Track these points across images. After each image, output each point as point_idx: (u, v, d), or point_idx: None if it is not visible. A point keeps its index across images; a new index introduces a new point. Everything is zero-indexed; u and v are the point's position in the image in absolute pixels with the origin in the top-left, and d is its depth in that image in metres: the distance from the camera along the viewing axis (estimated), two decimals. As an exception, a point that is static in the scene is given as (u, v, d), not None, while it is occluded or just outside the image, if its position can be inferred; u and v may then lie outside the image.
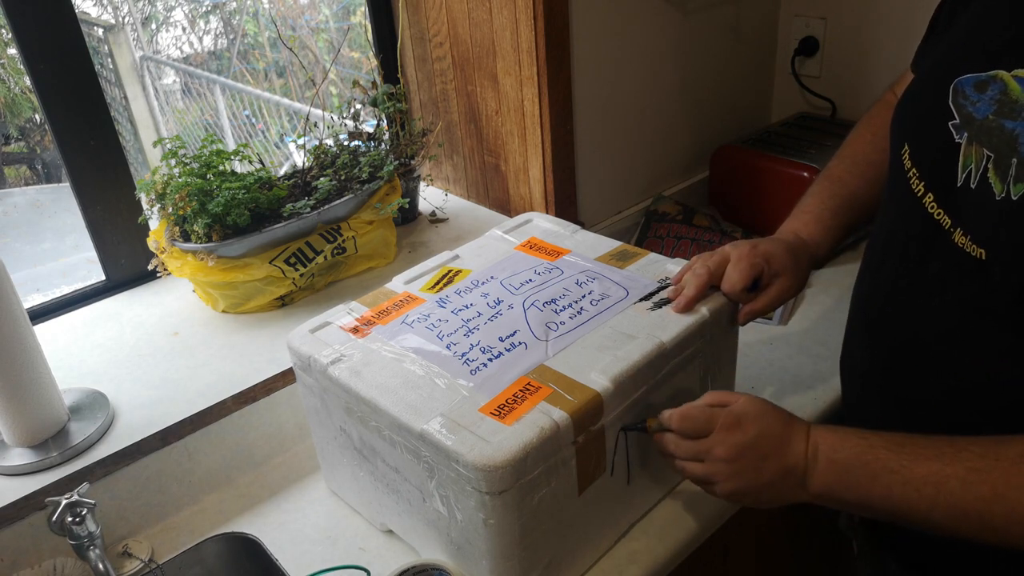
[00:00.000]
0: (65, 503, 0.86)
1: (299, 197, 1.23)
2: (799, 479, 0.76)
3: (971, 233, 0.69)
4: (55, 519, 0.86)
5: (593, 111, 1.43)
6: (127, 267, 1.30)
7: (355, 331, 0.94)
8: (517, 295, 0.97)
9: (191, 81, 3.55)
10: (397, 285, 1.03)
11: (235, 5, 3.74)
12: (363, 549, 0.97)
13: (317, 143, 1.34)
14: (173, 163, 1.20)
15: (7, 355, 0.92)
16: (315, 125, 1.38)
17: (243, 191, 1.15)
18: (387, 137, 1.40)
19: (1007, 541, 0.65)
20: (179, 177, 1.18)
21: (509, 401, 0.80)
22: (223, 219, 1.14)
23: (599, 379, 0.82)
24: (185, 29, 3.81)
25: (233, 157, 1.24)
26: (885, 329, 0.83)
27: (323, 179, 1.24)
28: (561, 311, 0.94)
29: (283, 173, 1.32)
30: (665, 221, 1.54)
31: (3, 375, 0.93)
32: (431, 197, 1.57)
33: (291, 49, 1.55)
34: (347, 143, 1.36)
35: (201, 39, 3.86)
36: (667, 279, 0.98)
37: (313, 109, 1.35)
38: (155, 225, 1.24)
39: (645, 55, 1.48)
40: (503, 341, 0.89)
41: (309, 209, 1.19)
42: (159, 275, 1.30)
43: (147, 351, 1.15)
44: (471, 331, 0.91)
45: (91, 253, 1.28)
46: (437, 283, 1.02)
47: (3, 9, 1.08)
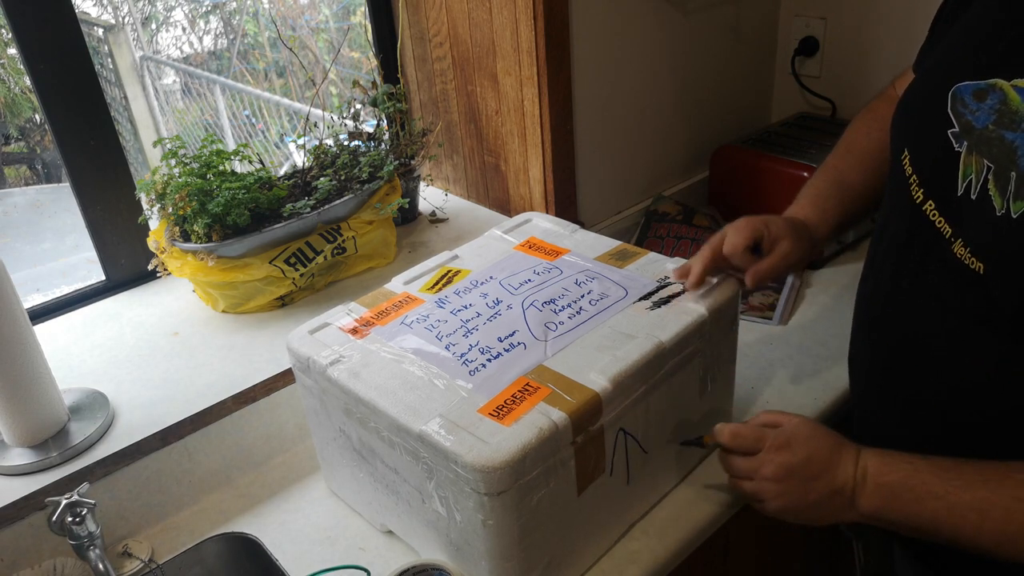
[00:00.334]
0: (65, 503, 0.86)
1: (299, 197, 1.24)
2: (848, 500, 0.77)
3: (971, 245, 0.70)
4: (55, 519, 0.86)
5: (593, 111, 1.43)
6: (127, 267, 1.30)
7: (354, 332, 0.94)
8: (516, 295, 0.97)
9: (191, 81, 3.55)
10: (396, 285, 1.03)
11: (235, 5, 3.74)
12: (363, 549, 0.97)
13: (317, 143, 1.34)
14: (173, 163, 1.20)
15: (7, 355, 0.92)
16: (315, 125, 1.38)
17: (243, 191, 1.15)
18: (387, 137, 1.40)
19: None
20: (179, 177, 1.18)
21: (508, 402, 0.80)
22: (223, 219, 1.14)
23: (598, 379, 0.82)
24: (185, 29, 3.81)
25: (233, 157, 1.24)
26: (886, 328, 0.83)
27: (323, 179, 1.24)
28: (560, 311, 0.94)
29: (283, 173, 1.32)
30: (665, 221, 1.54)
31: (3, 375, 0.93)
32: (431, 197, 1.57)
33: (291, 49, 1.55)
34: (347, 143, 1.36)
35: (201, 39, 3.86)
36: (667, 278, 0.98)
37: (313, 109, 1.35)
38: (155, 225, 1.24)
39: (645, 55, 1.48)
40: (502, 341, 0.89)
41: (309, 209, 1.19)
42: (159, 275, 1.30)
43: (147, 351, 1.15)
44: (470, 332, 0.91)
45: (91, 253, 1.28)
46: (436, 283, 1.02)
47: (3, 9, 1.08)
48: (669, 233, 1.51)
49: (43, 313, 1.24)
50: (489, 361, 0.86)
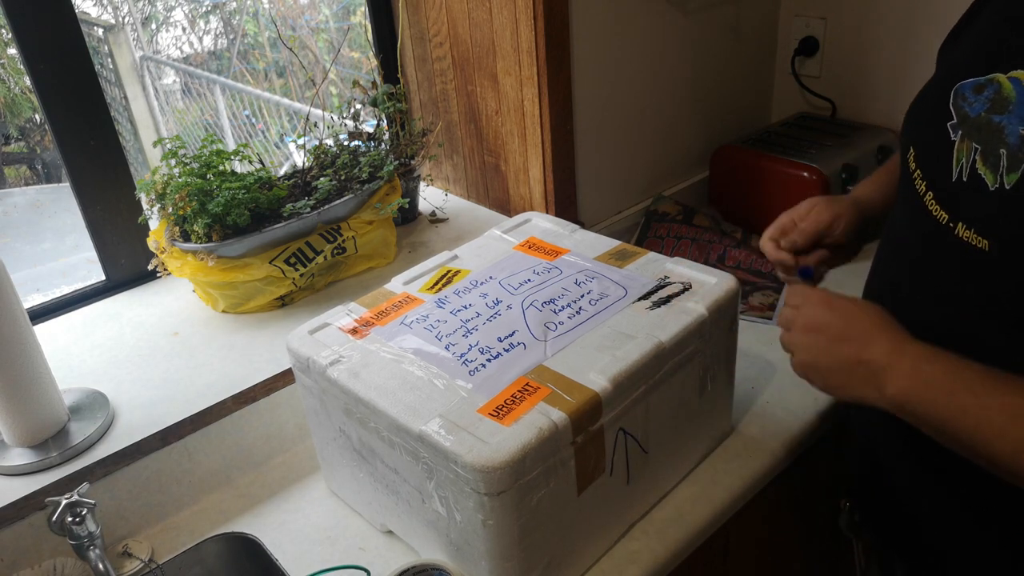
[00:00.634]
0: (65, 503, 0.86)
1: (299, 197, 1.24)
2: (873, 376, 0.74)
3: (974, 226, 0.71)
4: (55, 519, 0.86)
5: (593, 111, 1.43)
6: (127, 267, 1.30)
7: (354, 332, 0.94)
8: (516, 295, 0.97)
9: (191, 81, 3.55)
10: (396, 286, 1.03)
11: (235, 5, 3.74)
12: (363, 549, 0.97)
13: (317, 143, 1.34)
14: (173, 163, 1.20)
15: (7, 355, 0.92)
16: (315, 125, 1.38)
17: (243, 191, 1.15)
18: (387, 137, 1.40)
19: None
20: (179, 177, 1.18)
21: (508, 402, 0.80)
22: (223, 219, 1.14)
23: (598, 379, 0.82)
24: (185, 29, 3.81)
25: (233, 157, 1.24)
26: None
27: (323, 179, 1.24)
28: (560, 311, 0.94)
29: (283, 173, 1.32)
30: (665, 221, 1.54)
31: (3, 375, 0.93)
32: (431, 197, 1.57)
33: (291, 49, 1.55)
34: (347, 143, 1.36)
35: (201, 39, 3.86)
36: (666, 278, 0.99)
37: (313, 109, 1.35)
38: (155, 225, 1.24)
39: (645, 55, 1.48)
40: (502, 341, 0.89)
41: (309, 209, 1.19)
42: (159, 275, 1.30)
43: (147, 351, 1.15)
44: (470, 332, 0.91)
45: (91, 253, 1.28)
46: (436, 283, 1.02)
47: (3, 9, 1.08)
48: (669, 233, 1.51)
49: (43, 313, 1.24)
50: (489, 361, 0.86)
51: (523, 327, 0.91)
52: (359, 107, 1.38)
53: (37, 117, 3.37)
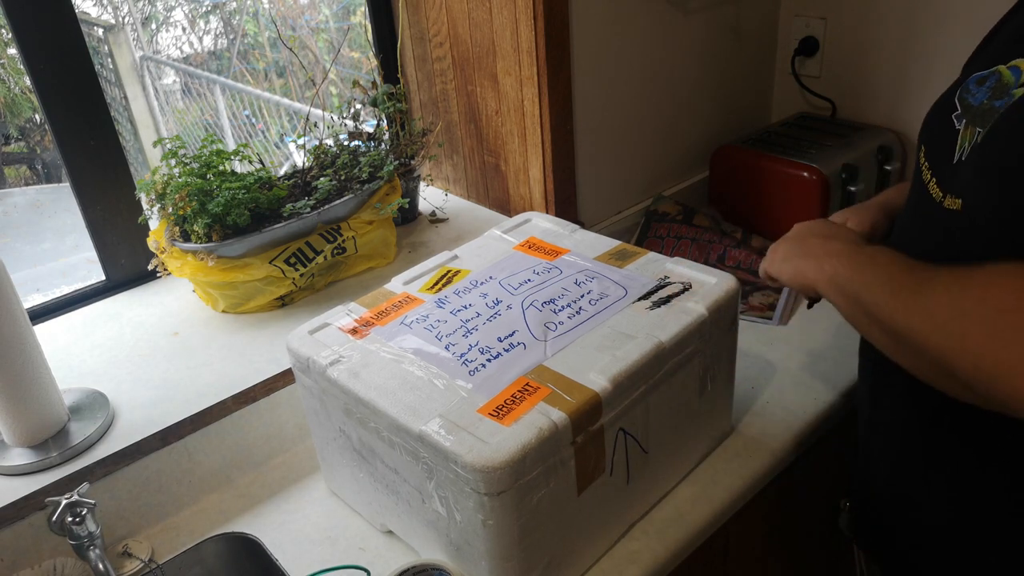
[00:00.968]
0: (65, 503, 0.86)
1: (299, 197, 1.24)
2: (826, 254, 0.80)
3: (954, 192, 0.74)
4: (55, 519, 0.86)
5: (593, 111, 1.43)
6: (127, 267, 1.30)
7: (354, 332, 0.94)
8: (516, 295, 0.97)
9: (191, 81, 3.55)
10: (396, 286, 1.03)
11: (235, 5, 3.74)
12: (363, 549, 0.97)
13: (317, 143, 1.34)
14: (173, 163, 1.20)
15: (7, 355, 0.92)
16: (315, 125, 1.38)
17: (243, 191, 1.15)
18: (387, 137, 1.40)
19: (915, 336, 0.65)
20: (179, 177, 1.18)
21: (508, 402, 0.80)
22: (223, 219, 1.14)
23: (598, 379, 0.82)
24: (185, 29, 3.81)
25: (233, 157, 1.24)
26: None
27: (323, 179, 1.24)
28: (560, 311, 0.94)
29: (283, 173, 1.32)
30: (665, 221, 1.54)
31: (3, 375, 0.93)
32: (431, 197, 1.57)
33: (291, 49, 1.55)
34: (347, 143, 1.36)
35: (201, 39, 3.86)
36: (666, 278, 0.99)
37: (313, 109, 1.35)
38: (155, 225, 1.24)
39: (645, 55, 1.48)
40: (502, 341, 0.89)
41: (309, 209, 1.19)
42: (159, 275, 1.30)
43: (147, 351, 1.15)
44: (470, 332, 0.91)
45: (91, 253, 1.28)
46: (436, 283, 1.02)
47: (3, 9, 1.08)
48: (669, 233, 1.51)
49: (43, 313, 1.24)
50: (489, 361, 0.86)
51: (523, 327, 0.91)
52: (359, 107, 1.38)
53: (37, 117, 3.37)
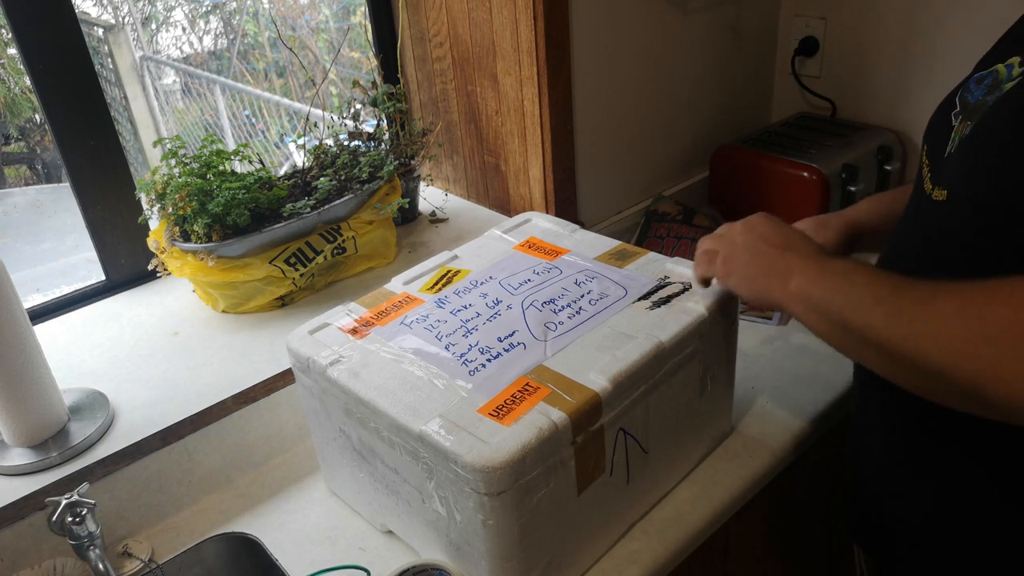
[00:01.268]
0: (65, 503, 0.86)
1: (299, 197, 1.24)
2: (788, 271, 0.78)
3: (942, 184, 0.74)
4: (55, 519, 0.86)
5: (593, 111, 1.43)
6: (127, 267, 1.30)
7: (354, 332, 0.94)
8: (516, 295, 0.97)
9: (191, 81, 3.55)
10: (396, 286, 1.03)
11: (235, 5, 3.74)
12: (363, 549, 0.97)
13: (317, 143, 1.34)
14: (173, 163, 1.20)
15: (7, 355, 0.92)
16: (315, 125, 1.38)
17: (243, 191, 1.15)
18: (387, 137, 1.40)
19: (912, 353, 0.64)
20: (179, 177, 1.18)
21: (508, 402, 0.80)
22: (223, 219, 1.14)
23: (598, 379, 0.82)
24: (185, 29, 3.81)
25: (233, 157, 1.24)
26: None
27: (323, 179, 1.24)
28: (560, 311, 0.94)
29: (283, 173, 1.32)
30: (665, 221, 1.54)
31: (3, 375, 0.93)
32: (431, 197, 1.57)
33: (291, 49, 1.55)
34: (347, 143, 1.36)
35: (201, 39, 3.86)
36: (666, 278, 0.99)
37: (313, 109, 1.35)
38: (155, 225, 1.24)
39: (645, 55, 1.48)
40: (502, 341, 0.89)
41: (309, 209, 1.19)
42: (159, 275, 1.30)
43: (147, 351, 1.15)
44: (470, 332, 0.91)
45: (91, 253, 1.28)
46: (436, 283, 1.02)
47: (3, 9, 1.08)
48: (669, 233, 1.51)
49: (43, 313, 1.24)
50: (489, 361, 0.86)
51: (523, 327, 0.91)
52: (359, 107, 1.38)
53: (37, 117, 3.37)
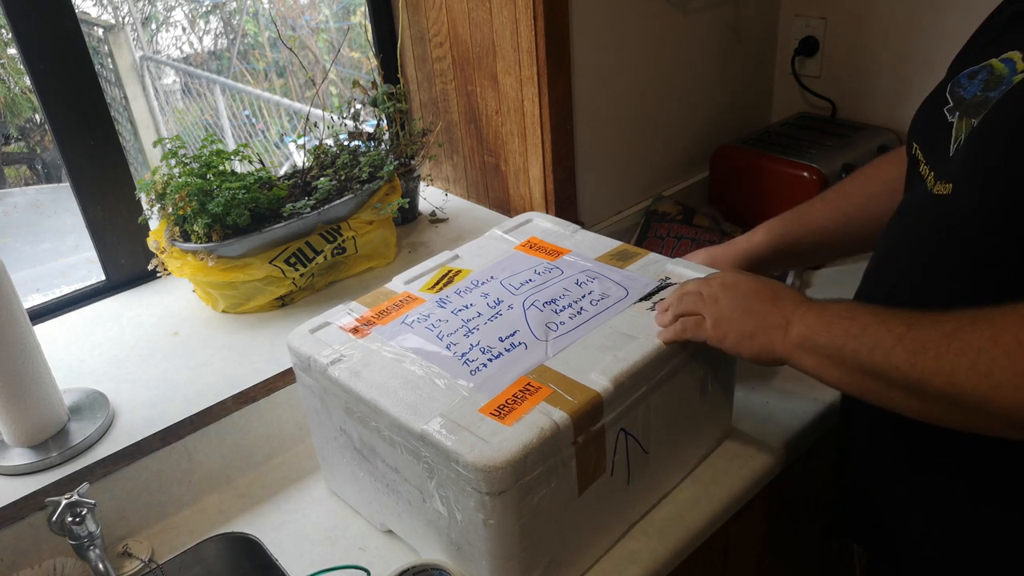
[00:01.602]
0: (65, 503, 0.86)
1: (299, 197, 1.23)
2: (785, 321, 0.79)
3: (946, 179, 0.74)
4: (55, 519, 0.85)
5: (593, 111, 1.43)
6: (127, 267, 1.30)
7: (355, 331, 0.94)
8: (517, 295, 0.97)
9: (191, 81, 3.56)
10: (397, 285, 1.03)
11: (235, 5, 3.74)
12: (363, 549, 0.97)
13: (317, 143, 1.34)
14: (173, 163, 1.20)
15: (7, 355, 0.92)
16: (315, 125, 1.38)
17: (243, 191, 1.15)
18: (387, 137, 1.40)
19: (945, 387, 0.64)
20: (179, 177, 1.18)
21: (509, 401, 0.80)
22: (223, 219, 1.14)
23: (599, 379, 0.82)
24: (185, 29, 3.81)
25: (233, 157, 1.24)
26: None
27: (323, 179, 1.24)
28: (561, 311, 0.94)
29: (283, 173, 1.32)
30: (665, 221, 1.54)
31: (3, 375, 0.93)
32: (431, 197, 1.57)
33: (291, 49, 1.55)
34: (347, 143, 1.36)
35: (201, 39, 3.86)
36: (667, 279, 0.98)
37: (313, 109, 1.35)
38: (155, 225, 1.24)
39: (645, 55, 1.48)
40: (503, 341, 0.89)
41: (309, 209, 1.19)
42: (159, 275, 1.30)
43: (147, 351, 1.15)
44: (471, 331, 0.91)
45: (91, 253, 1.28)
46: (437, 283, 1.02)
47: (3, 9, 1.08)
48: (669, 233, 1.51)
49: (43, 313, 1.24)
50: (490, 361, 0.86)
51: (524, 327, 0.91)
52: (359, 107, 1.38)
53: (37, 117, 3.37)
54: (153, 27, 3.72)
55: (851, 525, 0.99)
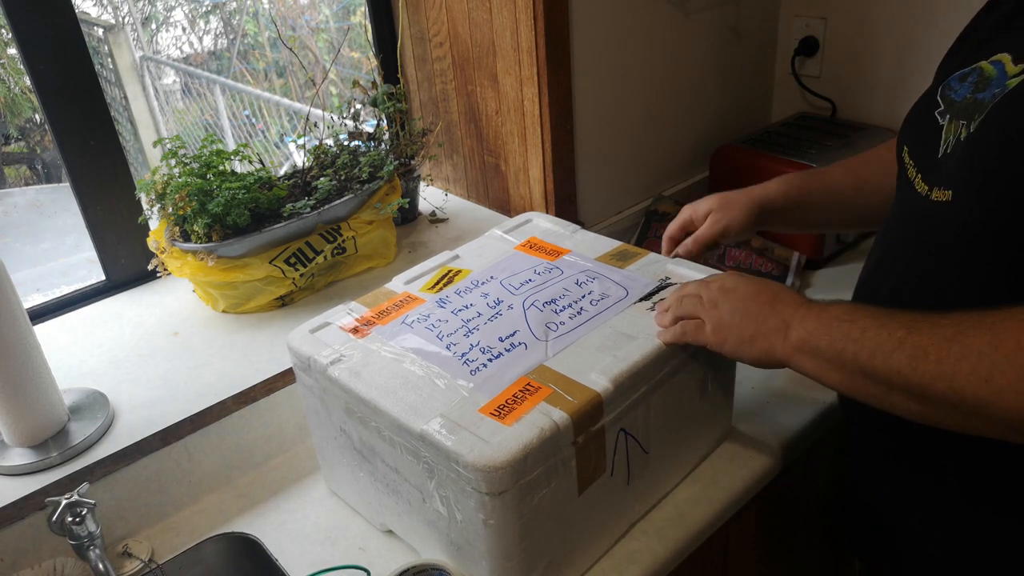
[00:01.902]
0: (65, 503, 0.86)
1: (299, 197, 1.24)
2: (785, 324, 0.79)
3: (942, 185, 0.74)
4: (55, 519, 0.86)
5: (593, 111, 1.43)
6: (127, 267, 1.30)
7: (355, 331, 0.94)
8: (517, 295, 0.97)
9: (191, 81, 3.56)
10: (397, 285, 1.03)
11: (235, 5, 3.74)
12: (363, 549, 0.97)
13: (317, 143, 1.34)
14: (173, 163, 1.20)
15: (7, 355, 0.92)
16: (315, 125, 1.38)
17: (243, 191, 1.15)
18: (387, 137, 1.40)
19: (947, 391, 0.64)
20: (179, 177, 1.18)
21: (509, 401, 0.80)
22: (223, 219, 1.14)
23: (599, 379, 0.82)
24: (185, 29, 3.81)
25: (233, 157, 1.24)
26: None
27: (323, 179, 1.24)
28: (561, 311, 0.94)
29: (283, 173, 1.32)
30: (665, 221, 1.54)
31: (3, 375, 0.93)
32: (431, 197, 1.57)
33: (291, 49, 1.55)
34: (347, 143, 1.36)
35: (201, 39, 3.86)
36: (667, 279, 0.98)
37: (313, 109, 1.35)
38: (155, 225, 1.24)
39: (645, 55, 1.48)
40: (503, 341, 0.89)
41: (309, 209, 1.19)
42: (159, 275, 1.30)
43: (147, 351, 1.15)
44: (471, 331, 0.91)
45: (91, 253, 1.28)
46: (437, 283, 1.02)
47: (3, 9, 1.08)
48: (669, 233, 1.51)
49: (43, 313, 1.24)
50: (490, 361, 0.86)
51: (524, 327, 0.91)
52: (359, 107, 1.38)
53: (37, 117, 3.37)
54: (153, 27, 3.72)
55: (850, 525, 0.99)
